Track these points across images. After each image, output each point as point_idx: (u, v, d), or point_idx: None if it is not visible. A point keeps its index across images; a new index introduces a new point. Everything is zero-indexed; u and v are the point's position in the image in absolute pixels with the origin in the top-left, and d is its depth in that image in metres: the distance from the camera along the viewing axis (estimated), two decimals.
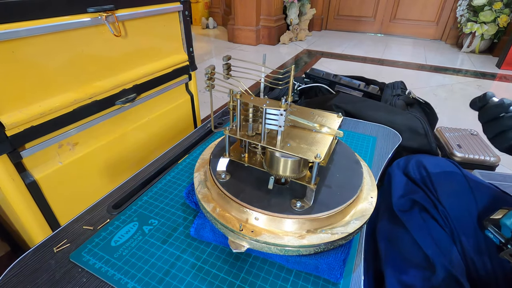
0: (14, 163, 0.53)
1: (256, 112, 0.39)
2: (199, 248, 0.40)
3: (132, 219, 0.44)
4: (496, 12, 2.28)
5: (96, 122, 0.66)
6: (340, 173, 0.42)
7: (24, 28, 0.49)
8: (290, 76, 0.39)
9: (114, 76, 0.67)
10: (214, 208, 0.38)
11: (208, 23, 3.42)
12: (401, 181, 0.56)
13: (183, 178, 0.53)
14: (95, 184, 0.70)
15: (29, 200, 0.57)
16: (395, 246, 0.49)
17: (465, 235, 0.46)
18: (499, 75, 2.08)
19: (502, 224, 0.38)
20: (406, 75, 2.03)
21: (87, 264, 0.37)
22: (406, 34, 3.13)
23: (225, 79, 0.39)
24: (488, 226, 0.40)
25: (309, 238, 0.35)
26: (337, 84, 1.14)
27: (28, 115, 0.52)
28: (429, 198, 0.51)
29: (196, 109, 0.98)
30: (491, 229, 0.40)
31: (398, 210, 0.51)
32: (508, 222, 0.38)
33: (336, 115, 0.44)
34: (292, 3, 2.74)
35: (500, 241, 0.39)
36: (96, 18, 0.59)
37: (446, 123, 1.32)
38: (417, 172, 0.56)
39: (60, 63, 0.56)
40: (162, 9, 0.74)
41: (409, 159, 0.60)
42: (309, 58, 2.43)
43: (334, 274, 0.35)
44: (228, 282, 0.36)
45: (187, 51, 0.86)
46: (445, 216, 0.48)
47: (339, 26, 3.41)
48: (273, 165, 0.38)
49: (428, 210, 0.50)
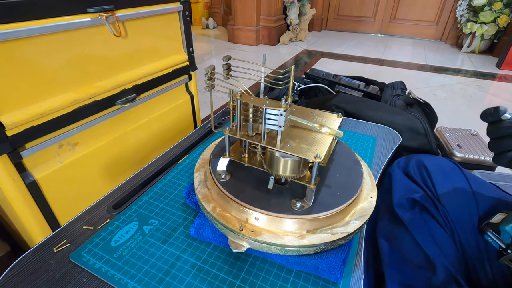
0: (14, 163, 0.53)
1: (256, 112, 0.39)
2: (199, 248, 0.40)
3: (132, 219, 0.44)
4: (496, 12, 2.28)
5: (96, 122, 0.66)
6: (340, 173, 0.42)
7: (24, 28, 0.49)
8: (290, 76, 0.40)
9: (114, 76, 0.67)
10: (214, 208, 0.38)
11: (208, 23, 3.43)
12: (401, 180, 0.56)
13: (183, 178, 0.53)
14: (95, 184, 0.70)
15: (29, 200, 0.57)
16: (396, 246, 0.49)
17: (465, 235, 0.46)
18: (499, 75, 2.08)
19: (502, 230, 0.38)
20: (406, 75, 2.03)
21: (87, 264, 0.37)
22: (406, 35, 3.13)
23: (225, 79, 0.39)
24: (487, 231, 0.40)
25: (309, 238, 0.35)
26: (337, 84, 1.14)
27: (28, 115, 0.52)
28: (430, 198, 0.51)
29: (196, 109, 0.98)
30: (491, 234, 0.39)
31: (398, 210, 0.51)
32: (507, 228, 0.37)
33: (336, 115, 0.44)
34: (292, 3, 2.75)
35: (500, 246, 0.39)
36: (96, 18, 0.59)
37: (446, 123, 1.32)
38: (418, 172, 0.56)
39: (60, 63, 0.56)
40: (162, 9, 0.74)
41: (409, 159, 0.60)
42: (309, 58, 2.43)
43: (334, 274, 0.35)
44: (228, 282, 0.36)
45: (187, 51, 0.86)
46: (445, 216, 0.48)
47: (339, 26, 3.42)
48: (273, 165, 0.38)
49: (428, 210, 0.50)
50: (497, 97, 1.71)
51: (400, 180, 0.56)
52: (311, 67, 1.61)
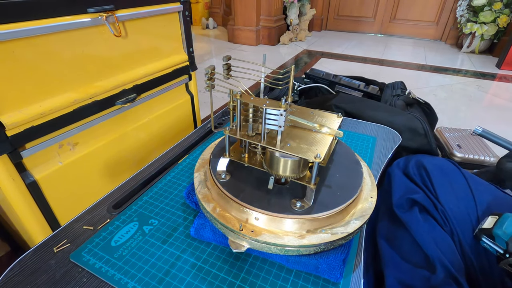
0: (14, 163, 0.53)
1: (256, 112, 0.39)
2: (199, 248, 0.40)
3: (132, 219, 0.44)
4: (496, 12, 2.28)
5: (96, 122, 0.66)
6: (340, 173, 0.42)
7: (24, 28, 0.49)
8: (290, 76, 0.40)
9: (114, 76, 0.67)
10: (214, 208, 0.39)
11: (208, 23, 3.43)
12: (401, 181, 0.56)
13: (183, 178, 0.53)
14: (95, 184, 0.70)
15: (29, 200, 0.57)
16: (395, 246, 0.49)
17: (464, 235, 0.46)
18: (499, 75, 2.08)
19: (495, 235, 0.38)
20: (406, 75, 2.03)
21: (87, 264, 0.37)
22: (406, 35, 3.13)
23: (225, 79, 0.39)
24: (482, 237, 0.40)
25: (309, 238, 0.35)
26: (337, 84, 1.14)
27: (29, 115, 0.52)
28: (429, 198, 0.51)
29: (196, 109, 0.98)
30: (486, 240, 0.39)
31: (398, 210, 0.51)
32: (500, 232, 0.37)
33: (336, 115, 0.44)
34: (292, 3, 2.75)
35: (497, 251, 0.38)
36: (96, 18, 0.59)
37: (446, 123, 1.32)
38: (417, 172, 0.56)
39: (60, 63, 0.56)
40: (162, 10, 0.74)
41: (409, 159, 0.60)
42: (309, 58, 2.43)
43: (334, 274, 0.35)
44: (228, 282, 0.36)
45: (187, 51, 0.86)
46: (444, 216, 0.49)
47: (339, 26, 3.41)
48: (273, 165, 0.38)
49: (428, 210, 0.50)
50: (497, 97, 1.71)
51: (400, 181, 0.56)
52: (311, 67, 1.61)
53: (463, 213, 0.48)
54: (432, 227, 0.48)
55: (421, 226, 0.48)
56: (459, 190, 0.50)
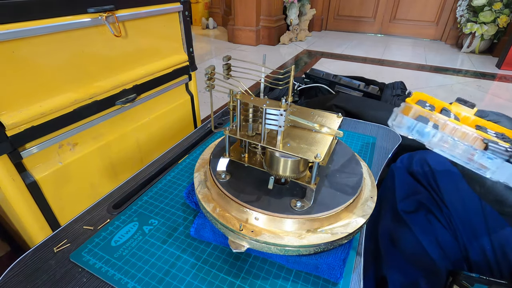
0: (14, 163, 0.53)
1: (256, 112, 0.39)
2: (199, 248, 0.40)
3: (132, 219, 0.44)
4: (496, 12, 2.28)
5: (96, 122, 0.66)
6: (340, 173, 0.42)
7: (24, 28, 0.49)
8: (290, 76, 0.40)
9: (114, 76, 0.67)
10: (214, 208, 0.39)
11: (208, 23, 3.43)
12: (405, 180, 0.56)
13: (183, 178, 0.53)
14: (95, 184, 0.70)
15: (29, 200, 0.57)
16: (398, 246, 0.48)
17: (469, 238, 0.46)
18: (499, 75, 2.08)
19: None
20: (406, 76, 2.03)
21: (87, 264, 0.37)
22: (406, 35, 3.13)
23: (225, 79, 0.39)
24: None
25: (309, 238, 0.35)
26: (337, 84, 1.14)
27: (29, 115, 0.52)
28: (434, 199, 0.51)
29: (196, 109, 0.98)
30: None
31: (402, 211, 0.51)
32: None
33: (336, 115, 0.44)
34: (292, 4, 2.75)
35: None
36: (96, 18, 0.59)
37: None
38: (421, 170, 0.56)
39: (60, 63, 0.56)
40: (162, 10, 0.74)
41: (413, 156, 0.59)
42: (309, 58, 2.43)
43: (334, 274, 0.35)
44: (228, 282, 0.36)
45: (187, 51, 0.86)
46: (449, 218, 0.48)
47: (339, 26, 3.42)
48: (273, 165, 0.38)
49: (433, 212, 0.49)
50: (497, 97, 1.71)
51: (404, 180, 0.56)
52: (311, 67, 1.61)
53: (466, 215, 0.47)
54: (438, 229, 0.47)
55: (426, 228, 0.47)
56: (464, 191, 0.50)
